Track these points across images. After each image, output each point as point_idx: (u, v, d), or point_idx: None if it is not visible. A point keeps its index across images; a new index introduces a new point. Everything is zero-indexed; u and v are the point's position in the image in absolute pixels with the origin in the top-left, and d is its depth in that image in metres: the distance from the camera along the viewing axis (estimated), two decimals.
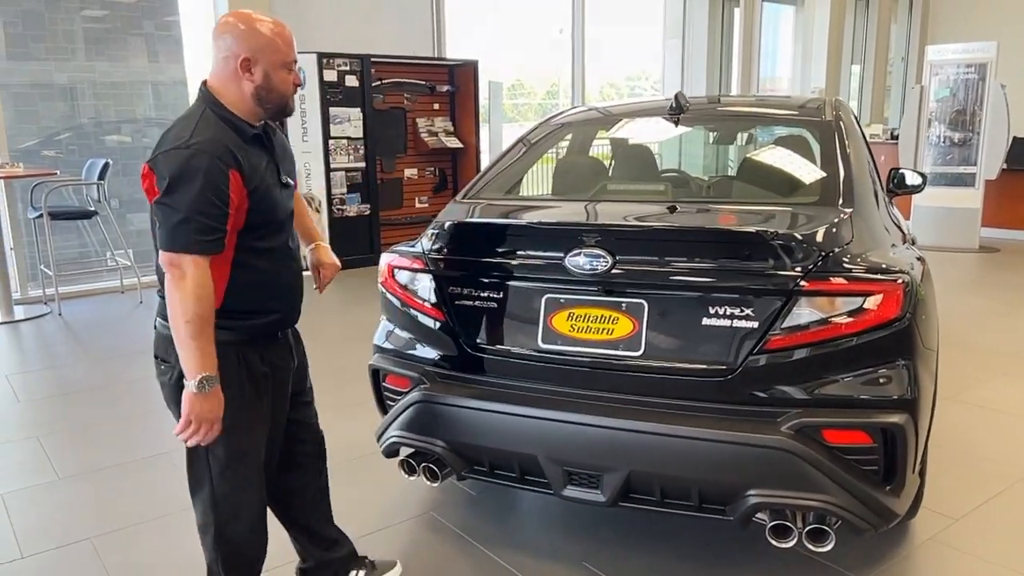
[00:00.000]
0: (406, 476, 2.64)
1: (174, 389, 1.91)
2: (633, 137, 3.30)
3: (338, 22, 7.71)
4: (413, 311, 2.59)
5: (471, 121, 8.56)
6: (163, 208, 1.79)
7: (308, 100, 7.38)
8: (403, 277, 2.63)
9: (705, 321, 2.16)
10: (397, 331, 2.69)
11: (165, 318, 1.87)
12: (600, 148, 3.26)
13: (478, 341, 2.45)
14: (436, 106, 8.58)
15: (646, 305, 2.21)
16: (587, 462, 2.27)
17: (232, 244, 1.88)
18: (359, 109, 7.62)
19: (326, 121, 7.44)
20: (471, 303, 2.46)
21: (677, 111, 3.03)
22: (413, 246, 2.63)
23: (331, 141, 7.49)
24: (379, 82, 7.93)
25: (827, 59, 9.39)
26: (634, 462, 2.20)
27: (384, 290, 2.71)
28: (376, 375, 2.72)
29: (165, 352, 1.93)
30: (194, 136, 1.80)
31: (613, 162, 3.35)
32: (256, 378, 1.99)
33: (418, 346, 2.60)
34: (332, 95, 7.47)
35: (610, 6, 10.45)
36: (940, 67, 8.01)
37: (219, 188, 1.78)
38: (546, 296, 2.34)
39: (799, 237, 2.09)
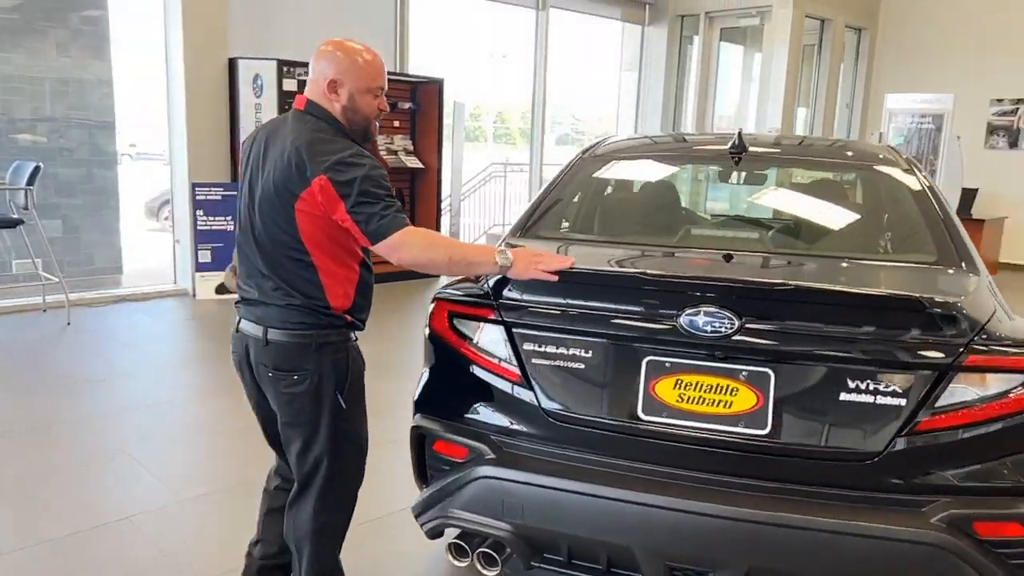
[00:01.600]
0: (453, 561, 2.25)
1: (313, 398, 2.04)
2: (697, 176, 3.04)
3: (300, 29, 7.22)
4: (477, 367, 2.22)
5: (433, 141, 8.20)
6: (364, 206, 1.92)
7: (265, 111, 6.85)
8: (465, 326, 2.26)
9: (843, 396, 1.88)
10: (451, 389, 2.31)
11: (294, 325, 2.02)
12: (658, 185, 2.98)
13: (560, 407, 2.10)
14: (396, 123, 8.19)
15: (772, 375, 1.92)
16: (696, 556, 1.95)
17: (358, 257, 2.07)
18: None
19: None
20: (553, 362, 2.11)
21: (739, 150, 2.80)
22: (477, 289, 2.27)
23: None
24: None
25: (783, 101, 9.52)
26: (754, 557, 1.89)
27: (436, 338, 2.32)
28: (421, 440, 2.33)
29: (300, 360, 2.03)
30: (344, 143, 1.99)
31: (681, 202, 3.08)
32: (363, 368, 2.18)
33: (481, 409, 2.23)
34: (290, 106, 6.95)
35: (566, 34, 10.33)
36: (896, 115, 8.19)
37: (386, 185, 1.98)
38: (648, 358, 2.02)
39: (960, 306, 1.85)
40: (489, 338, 2.20)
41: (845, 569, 1.84)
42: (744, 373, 1.94)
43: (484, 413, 2.22)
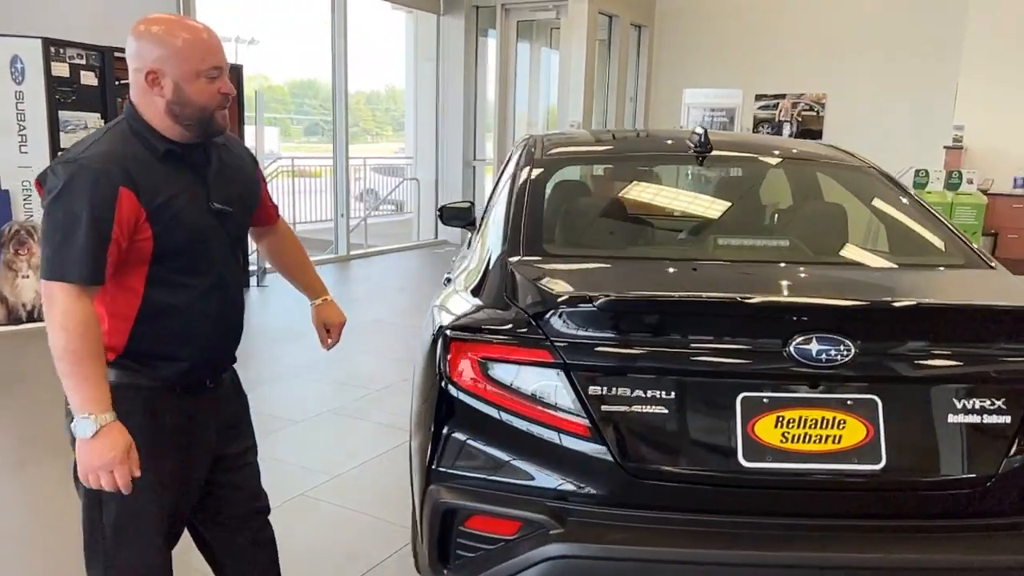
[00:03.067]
0: None
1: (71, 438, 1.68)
2: (667, 180, 2.81)
3: (72, 2, 6.00)
4: (526, 421, 1.82)
5: (235, 133, 7.26)
6: (43, 228, 1.65)
7: (29, 100, 5.61)
8: (507, 373, 1.83)
9: (952, 418, 1.76)
10: (487, 450, 1.88)
11: None
12: (649, 190, 2.71)
13: (643, 462, 1.77)
14: None
15: (879, 402, 1.75)
16: None
17: (142, 276, 1.71)
18: (99, 114, 5.99)
19: (54, 128, 5.71)
20: (629, 408, 1.76)
21: (704, 149, 2.64)
22: (518, 320, 1.86)
23: (61, 153, 5.77)
24: (120, 82, 6.33)
25: (583, 96, 9.74)
26: None
27: (460, 389, 1.88)
28: (449, 517, 1.88)
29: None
30: (89, 149, 1.66)
31: (683, 208, 2.81)
32: (164, 432, 1.78)
33: (535, 472, 1.83)
34: (63, 95, 5.76)
35: (359, 20, 9.75)
36: (693, 108, 8.71)
37: (103, 207, 1.60)
38: (743, 395, 1.75)
39: None
40: (544, 385, 1.80)
41: None
42: (850, 402, 1.75)
43: (540, 477, 1.83)
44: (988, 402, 1.76)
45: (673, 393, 1.76)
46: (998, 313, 1.86)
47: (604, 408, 1.77)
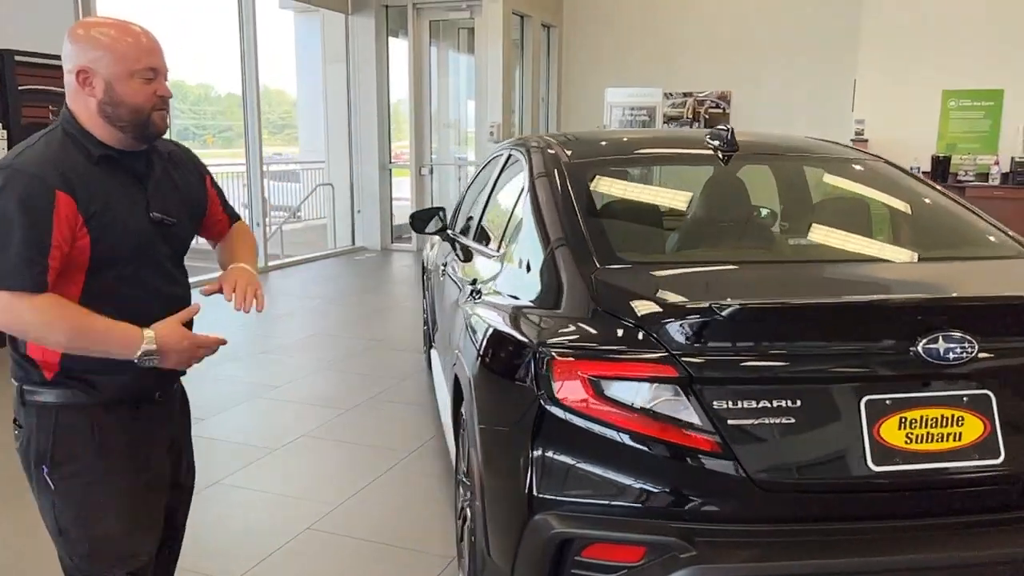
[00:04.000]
0: None
1: (25, 462, 1.72)
2: (716, 178, 2.76)
3: None
4: (648, 440, 1.72)
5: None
6: None
7: None
8: (623, 390, 1.73)
9: None
10: (601, 472, 1.77)
11: (16, 376, 1.71)
12: (703, 192, 2.65)
13: (774, 475, 1.71)
14: None
15: (992, 396, 1.77)
16: None
17: (79, 285, 1.65)
18: None
19: None
20: (756, 420, 1.71)
21: (731, 148, 2.63)
22: (632, 336, 1.76)
23: None
24: (23, 87, 5.72)
25: (502, 97, 9.67)
26: None
27: (567, 410, 1.77)
28: (563, 548, 1.76)
29: (17, 412, 1.73)
30: (22, 155, 1.62)
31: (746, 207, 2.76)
32: (114, 451, 1.73)
33: (660, 494, 1.74)
34: None
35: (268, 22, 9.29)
36: (615, 107, 8.81)
37: (40, 212, 1.56)
38: (867, 398, 1.73)
39: None
40: (667, 401, 1.71)
41: None
42: (966, 398, 1.76)
43: (663, 498, 1.74)
44: None
45: (799, 401, 1.72)
46: None
47: (731, 421, 1.71)
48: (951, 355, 1.70)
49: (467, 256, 3.28)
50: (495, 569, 2.11)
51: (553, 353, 1.80)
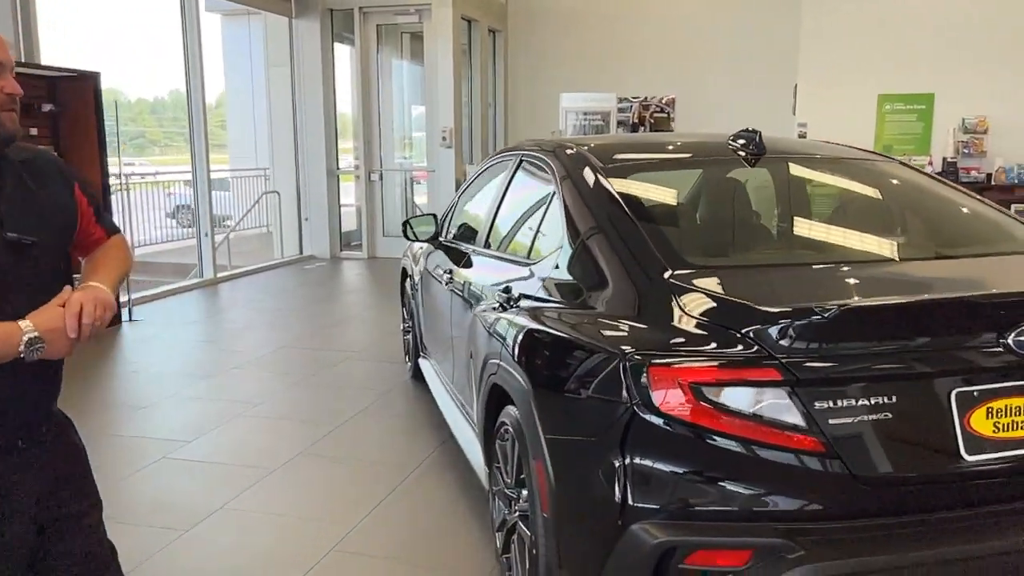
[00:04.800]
0: None
1: None
2: (756, 180, 2.78)
3: None
4: (751, 444, 1.72)
5: (93, 151, 6.41)
6: None
7: None
8: (729, 397, 1.72)
9: None
10: (701, 478, 1.76)
11: None
12: (752, 196, 2.67)
13: (874, 471, 1.73)
14: (35, 131, 6.20)
15: None
16: None
17: None
18: None
19: None
20: (855, 418, 1.73)
21: (760, 151, 2.68)
22: (734, 343, 1.75)
23: None
24: None
25: (452, 102, 9.60)
26: None
27: (666, 418, 1.75)
28: (668, 556, 1.73)
29: None
30: None
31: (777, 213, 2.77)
32: None
33: (762, 495, 1.74)
34: None
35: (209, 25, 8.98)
36: (569, 112, 8.86)
37: None
38: (956, 391, 1.77)
39: None
40: (771, 404, 1.71)
41: None
42: None
43: (767, 500, 1.74)
44: None
45: (895, 397, 1.74)
46: None
47: (832, 420, 1.72)
48: None
49: (485, 264, 3.21)
50: None
51: (650, 361, 1.78)
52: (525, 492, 2.39)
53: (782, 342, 1.72)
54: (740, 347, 1.75)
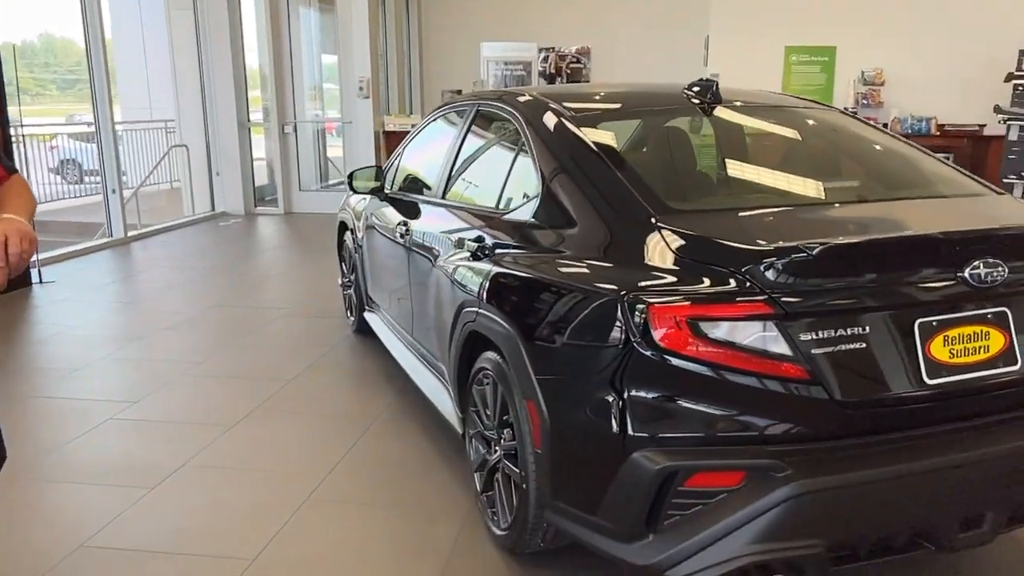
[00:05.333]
0: None
1: None
2: (723, 127, 2.89)
3: None
4: (744, 374, 1.86)
5: None
6: None
7: None
8: (725, 331, 1.85)
9: None
10: (699, 407, 1.90)
11: None
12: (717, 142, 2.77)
13: (853, 395, 1.91)
14: None
15: (1009, 313, 2.06)
16: (990, 499, 2.02)
17: None
18: None
19: None
20: (835, 347, 1.89)
21: (714, 101, 2.82)
22: (725, 280, 1.88)
23: None
24: None
25: (369, 51, 9.36)
26: None
27: (664, 354, 1.87)
28: (669, 480, 1.88)
29: None
30: None
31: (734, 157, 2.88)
32: None
33: (756, 421, 1.90)
34: None
35: None
36: (491, 62, 8.81)
37: None
38: (919, 320, 1.96)
39: None
40: (762, 336, 1.86)
41: None
42: (989, 316, 2.04)
43: (757, 425, 1.89)
44: None
45: (868, 328, 1.92)
46: None
47: (815, 351, 1.88)
48: (989, 279, 1.97)
49: (448, 215, 3.24)
50: (561, 511, 2.19)
51: (650, 300, 1.88)
52: (508, 432, 2.48)
53: (771, 278, 1.86)
54: (734, 284, 1.88)
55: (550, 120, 2.69)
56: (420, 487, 3.08)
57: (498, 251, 2.61)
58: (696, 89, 2.89)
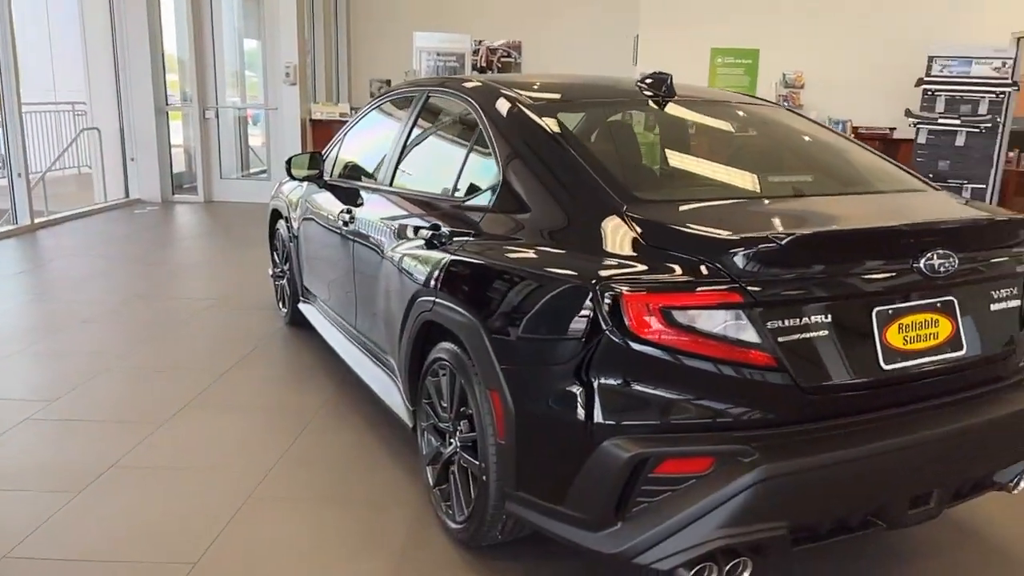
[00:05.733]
0: None
1: None
2: (678, 121, 2.89)
3: None
4: (713, 361, 1.88)
5: None
6: None
7: None
8: (696, 319, 1.86)
9: (993, 307, 2.23)
10: (668, 394, 1.90)
11: None
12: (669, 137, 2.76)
13: (816, 382, 1.95)
14: None
15: (955, 301, 2.14)
16: (940, 475, 2.10)
17: None
18: None
19: None
20: (800, 335, 1.93)
21: (668, 95, 2.85)
22: (695, 268, 1.88)
23: None
24: None
25: (297, 36, 9.09)
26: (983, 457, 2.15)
27: (636, 342, 1.87)
28: (640, 467, 1.88)
29: None
30: None
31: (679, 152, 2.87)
32: None
33: (724, 408, 1.91)
34: None
35: None
36: (424, 52, 8.69)
37: None
38: (877, 309, 2.02)
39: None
40: (732, 324, 1.87)
41: None
42: (939, 304, 2.12)
43: (725, 411, 1.91)
44: (1009, 291, 2.25)
45: (830, 316, 1.97)
46: (1011, 225, 2.32)
47: (780, 338, 1.91)
48: (942, 269, 2.04)
49: (396, 204, 3.16)
50: (525, 501, 2.17)
51: (622, 288, 1.87)
52: (466, 424, 2.44)
53: (740, 267, 1.88)
54: (704, 273, 1.89)
55: (512, 109, 2.65)
56: (368, 481, 3.00)
57: (456, 239, 2.56)
58: (649, 82, 2.91)
